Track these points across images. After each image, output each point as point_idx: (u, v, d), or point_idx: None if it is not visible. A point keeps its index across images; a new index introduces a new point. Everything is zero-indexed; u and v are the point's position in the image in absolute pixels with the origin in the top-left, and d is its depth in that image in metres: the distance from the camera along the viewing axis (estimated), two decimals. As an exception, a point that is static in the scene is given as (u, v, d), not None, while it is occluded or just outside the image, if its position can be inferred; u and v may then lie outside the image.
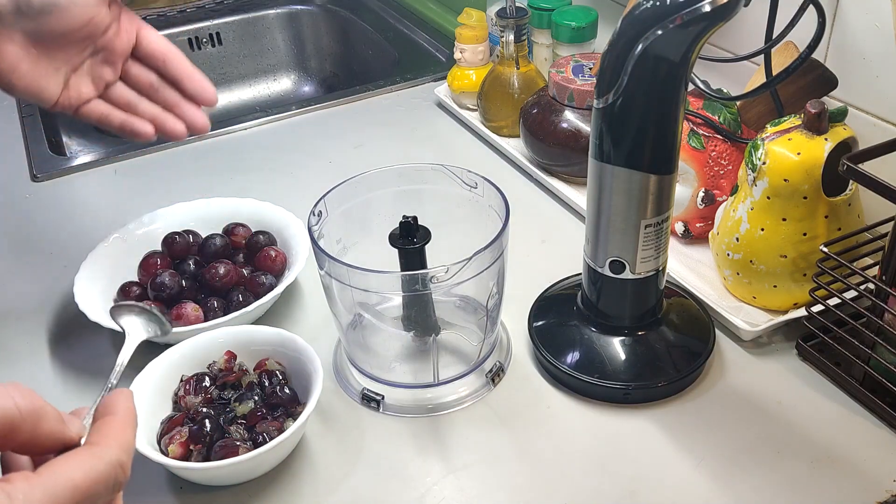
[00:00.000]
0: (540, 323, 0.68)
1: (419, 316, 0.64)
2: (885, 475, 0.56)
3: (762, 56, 0.69)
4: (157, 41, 0.66)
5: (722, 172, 0.75)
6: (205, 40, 1.37)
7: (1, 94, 0.62)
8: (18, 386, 0.34)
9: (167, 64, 0.66)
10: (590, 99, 0.83)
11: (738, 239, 0.66)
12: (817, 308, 0.64)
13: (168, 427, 0.58)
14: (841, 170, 0.57)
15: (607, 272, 0.62)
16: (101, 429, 0.37)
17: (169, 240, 0.75)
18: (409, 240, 0.61)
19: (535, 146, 0.88)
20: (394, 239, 0.61)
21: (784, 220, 0.64)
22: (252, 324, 0.68)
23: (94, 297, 0.69)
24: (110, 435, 0.37)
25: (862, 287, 0.62)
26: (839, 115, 0.64)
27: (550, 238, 0.82)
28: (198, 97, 0.67)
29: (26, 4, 0.58)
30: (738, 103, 0.76)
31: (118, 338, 0.68)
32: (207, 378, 0.62)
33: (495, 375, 0.65)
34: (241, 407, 0.59)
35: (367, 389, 0.64)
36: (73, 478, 0.34)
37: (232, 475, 0.57)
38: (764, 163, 0.63)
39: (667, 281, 0.65)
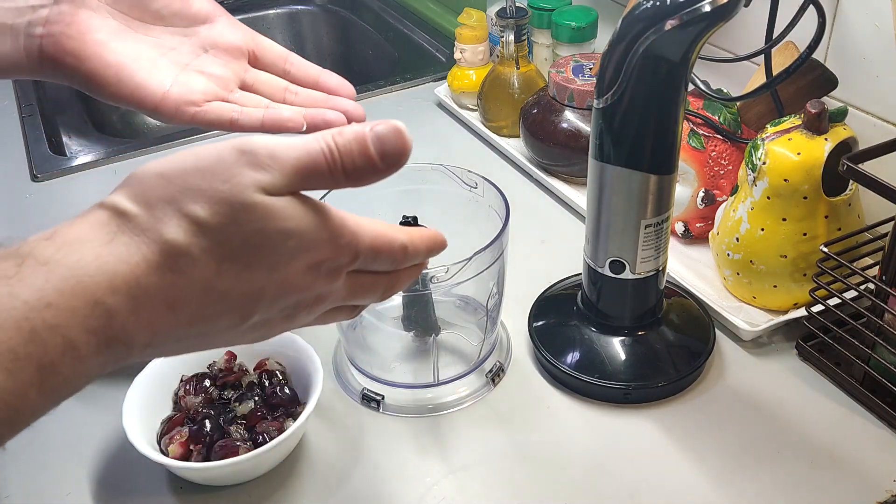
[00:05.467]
0: (540, 323, 0.68)
1: (419, 316, 0.64)
2: (885, 475, 0.56)
3: (762, 56, 0.69)
4: (275, 47, 0.60)
5: (722, 172, 0.75)
6: (205, 40, 1.37)
7: (1, 93, 0.61)
8: None
9: (293, 66, 0.59)
10: (590, 99, 0.83)
11: (738, 239, 0.66)
12: (817, 308, 0.64)
13: (168, 427, 0.58)
14: (841, 170, 0.57)
15: (607, 272, 0.62)
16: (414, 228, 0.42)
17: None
18: (409, 240, 0.60)
19: (535, 146, 0.88)
20: (394, 239, 0.61)
21: (784, 220, 0.64)
22: (252, 324, 0.67)
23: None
24: (408, 228, 0.41)
25: (862, 287, 0.62)
26: (839, 115, 0.64)
27: (550, 238, 0.82)
28: (339, 91, 0.59)
29: None
30: (738, 103, 0.76)
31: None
32: (207, 378, 0.62)
33: (495, 375, 0.65)
34: (241, 407, 0.59)
35: (367, 389, 0.64)
36: (374, 231, 0.39)
37: (232, 475, 0.57)
38: (764, 163, 0.63)
39: (667, 281, 0.65)
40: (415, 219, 0.60)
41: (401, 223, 0.60)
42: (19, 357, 0.31)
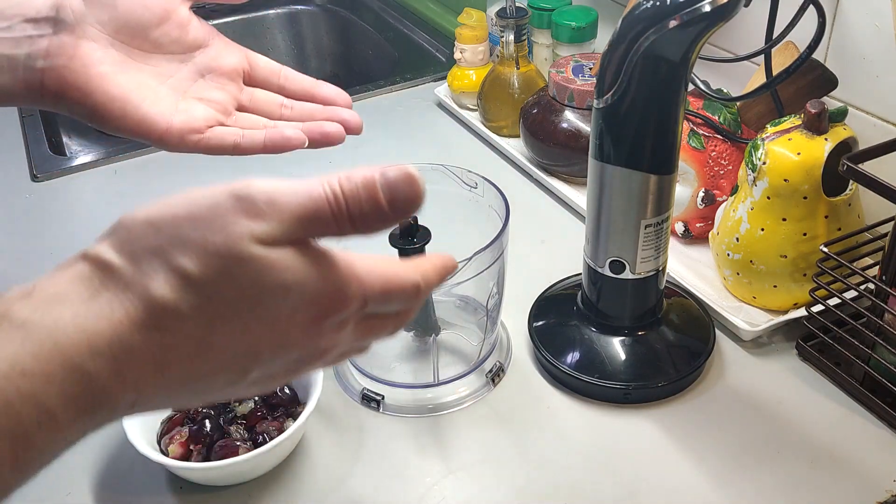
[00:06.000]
0: (540, 323, 0.68)
1: (419, 316, 0.64)
2: (885, 475, 0.56)
3: (762, 56, 0.69)
4: (269, 63, 0.59)
5: (722, 172, 0.75)
6: (205, 40, 1.37)
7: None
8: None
9: (288, 80, 0.59)
10: (590, 99, 0.83)
11: (738, 239, 0.66)
12: (817, 308, 0.64)
13: (168, 427, 0.58)
14: (841, 170, 0.57)
15: (607, 272, 0.62)
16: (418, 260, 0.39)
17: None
18: (409, 240, 0.60)
19: (535, 146, 0.88)
20: (394, 239, 0.61)
21: (784, 220, 0.64)
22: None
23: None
24: (419, 262, 0.39)
25: (862, 287, 0.62)
26: (839, 115, 0.64)
27: (550, 238, 0.82)
28: (335, 101, 0.59)
29: None
30: (738, 103, 0.76)
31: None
32: (207, 378, 0.61)
33: (495, 375, 0.65)
34: (241, 407, 0.59)
35: (367, 389, 0.64)
36: (385, 274, 0.36)
37: (232, 475, 0.57)
38: (764, 163, 0.63)
39: (667, 281, 0.65)
40: (415, 219, 0.60)
41: (400, 223, 0.60)
42: None
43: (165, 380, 0.32)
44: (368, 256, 0.36)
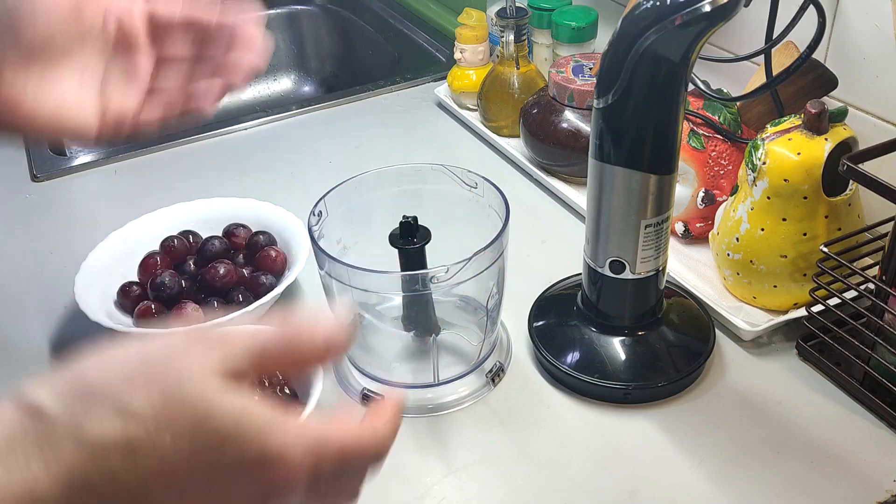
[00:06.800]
0: (540, 323, 0.68)
1: (419, 316, 0.64)
2: (885, 475, 0.56)
3: (762, 56, 0.69)
4: (166, 11, 0.57)
5: (722, 172, 0.75)
6: (205, 40, 1.37)
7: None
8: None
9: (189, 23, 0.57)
10: (590, 99, 0.83)
11: (738, 239, 0.66)
12: (817, 308, 0.64)
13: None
14: (841, 170, 0.57)
15: (607, 272, 0.62)
16: (373, 413, 0.38)
17: (167, 244, 0.74)
18: (409, 240, 0.61)
19: (535, 146, 0.88)
20: (394, 239, 0.61)
21: (784, 220, 0.64)
22: (252, 324, 0.67)
23: (94, 297, 0.69)
24: (378, 424, 0.38)
25: (862, 287, 0.62)
26: (839, 115, 0.64)
27: (550, 238, 0.82)
28: (237, 41, 0.56)
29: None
30: (738, 103, 0.76)
31: (117, 337, 0.68)
32: (207, 378, 0.61)
33: (495, 375, 0.65)
34: (241, 407, 0.59)
35: (367, 389, 0.64)
36: (342, 439, 0.35)
37: (232, 475, 0.57)
38: (764, 163, 0.63)
39: (667, 281, 0.65)
40: (415, 219, 0.61)
41: (401, 223, 0.60)
42: None
43: None
44: (324, 424, 0.35)
